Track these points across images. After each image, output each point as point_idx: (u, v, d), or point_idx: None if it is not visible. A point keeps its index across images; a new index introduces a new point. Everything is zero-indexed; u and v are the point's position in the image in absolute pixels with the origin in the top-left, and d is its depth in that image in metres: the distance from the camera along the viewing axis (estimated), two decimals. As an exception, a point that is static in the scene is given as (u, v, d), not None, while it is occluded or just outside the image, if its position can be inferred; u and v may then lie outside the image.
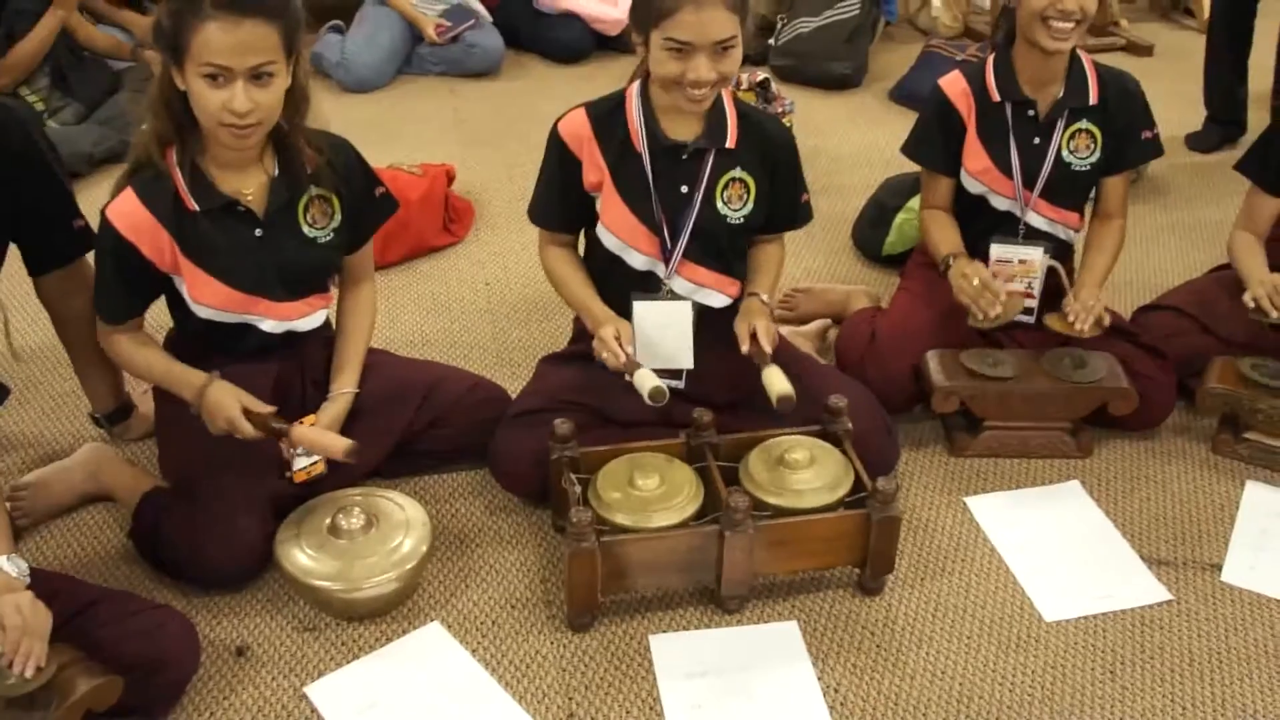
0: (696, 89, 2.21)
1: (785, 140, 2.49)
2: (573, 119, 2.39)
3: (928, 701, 2.07)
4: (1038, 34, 2.56)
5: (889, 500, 2.14)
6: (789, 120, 3.91)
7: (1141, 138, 2.75)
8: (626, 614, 2.21)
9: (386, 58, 4.70)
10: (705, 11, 2.14)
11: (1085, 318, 2.57)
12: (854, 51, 4.81)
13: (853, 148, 4.14)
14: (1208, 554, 2.43)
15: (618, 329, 2.30)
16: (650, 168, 2.35)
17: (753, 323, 2.34)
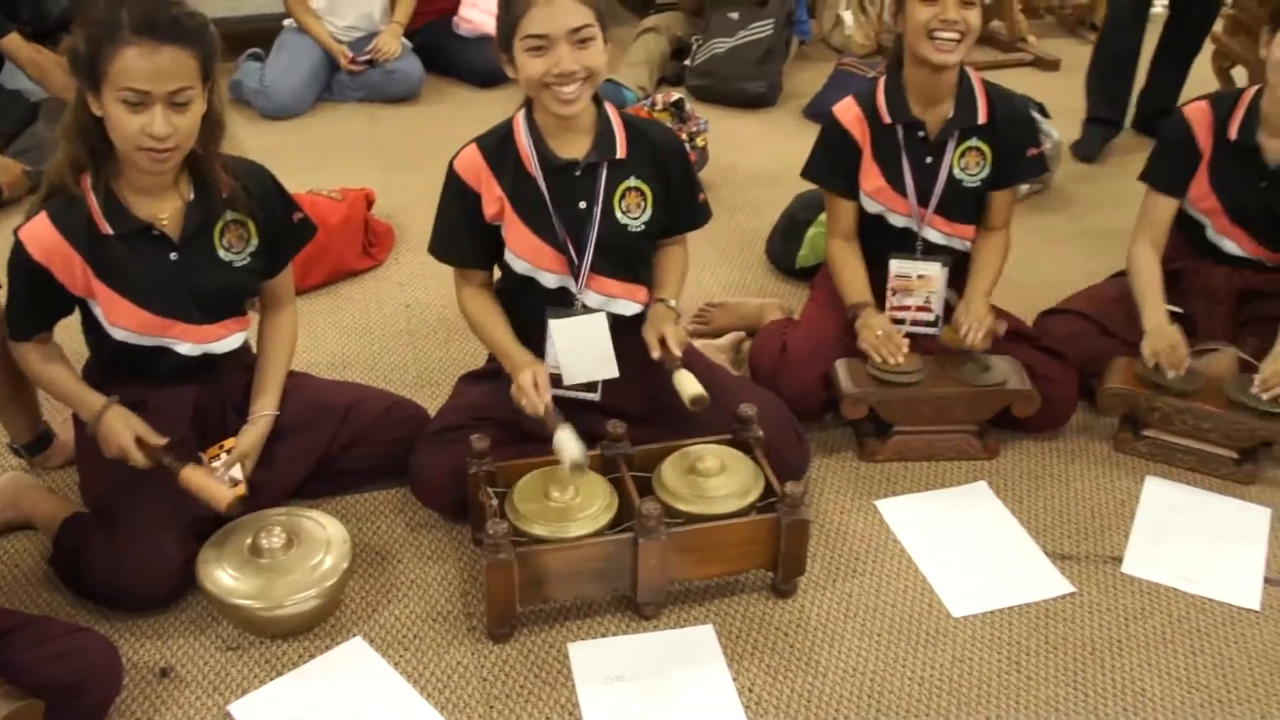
0: (564, 84, 2.26)
1: (673, 144, 2.56)
2: (466, 154, 2.44)
3: (840, 698, 2.13)
4: (924, 49, 2.64)
5: (798, 504, 2.20)
6: (703, 139, 4.00)
7: (1028, 155, 2.84)
8: (546, 623, 2.26)
9: (306, 84, 4.73)
10: (556, 3, 2.21)
11: (977, 330, 2.66)
12: (768, 71, 4.91)
13: (767, 164, 4.22)
14: (1109, 547, 2.51)
15: (535, 374, 2.35)
16: (546, 189, 2.40)
17: (661, 329, 2.40)
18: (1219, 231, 2.89)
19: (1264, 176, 2.79)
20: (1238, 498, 2.69)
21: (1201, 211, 2.89)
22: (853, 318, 2.75)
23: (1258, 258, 2.90)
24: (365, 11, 4.86)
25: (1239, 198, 2.83)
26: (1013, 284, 3.45)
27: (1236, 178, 2.82)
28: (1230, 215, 2.86)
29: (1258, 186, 2.80)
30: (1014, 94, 2.90)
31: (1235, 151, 2.80)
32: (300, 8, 4.79)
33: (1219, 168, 2.83)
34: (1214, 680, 2.21)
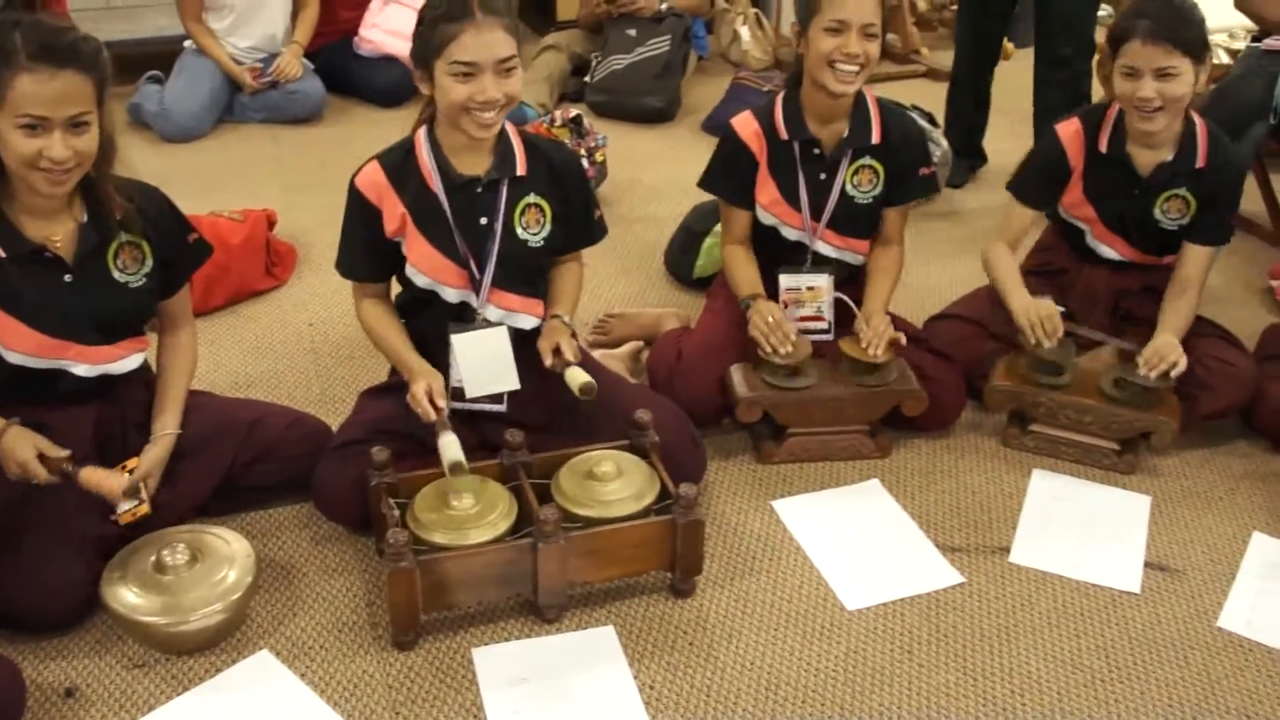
0: (485, 111, 2.33)
1: (571, 163, 2.63)
2: (368, 171, 2.48)
3: (738, 691, 2.19)
4: (824, 78, 2.73)
5: (692, 505, 2.27)
6: (602, 155, 4.06)
7: (920, 175, 2.94)
8: (449, 630, 2.30)
9: (206, 106, 4.72)
10: (486, 33, 2.28)
11: (879, 343, 2.75)
12: (666, 86, 4.99)
13: (666, 178, 4.30)
14: (997, 538, 2.61)
15: (429, 383, 2.39)
16: (448, 205, 2.45)
17: (555, 340, 2.46)
18: (1097, 238, 3.01)
19: (1136, 186, 2.91)
20: (1120, 487, 2.80)
21: (1080, 219, 3.01)
22: (745, 308, 2.81)
23: (1135, 261, 3.02)
24: (266, 33, 4.86)
25: (1113, 207, 2.96)
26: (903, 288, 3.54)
27: (1110, 188, 2.94)
28: (1106, 223, 2.98)
29: (1130, 195, 2.92)
30: (908, 114, 3.00)
31: (1107, 163, 2.92)
32: (199, 29, 4.78)
33: (1093, 179, 2.95)
34: (1097, 661, 2.30)
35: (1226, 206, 2.94)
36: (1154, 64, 2.72)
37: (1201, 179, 2.88)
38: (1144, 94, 2.74)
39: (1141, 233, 2.97)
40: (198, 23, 4.79)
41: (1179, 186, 2.89)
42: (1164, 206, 2.90)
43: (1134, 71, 2.75)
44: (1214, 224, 2.92)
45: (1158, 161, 2.88)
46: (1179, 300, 2.89)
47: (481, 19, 2.28)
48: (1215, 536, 2.66)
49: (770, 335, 2.72)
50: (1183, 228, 2.93)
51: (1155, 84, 2.73)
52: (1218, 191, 2.90)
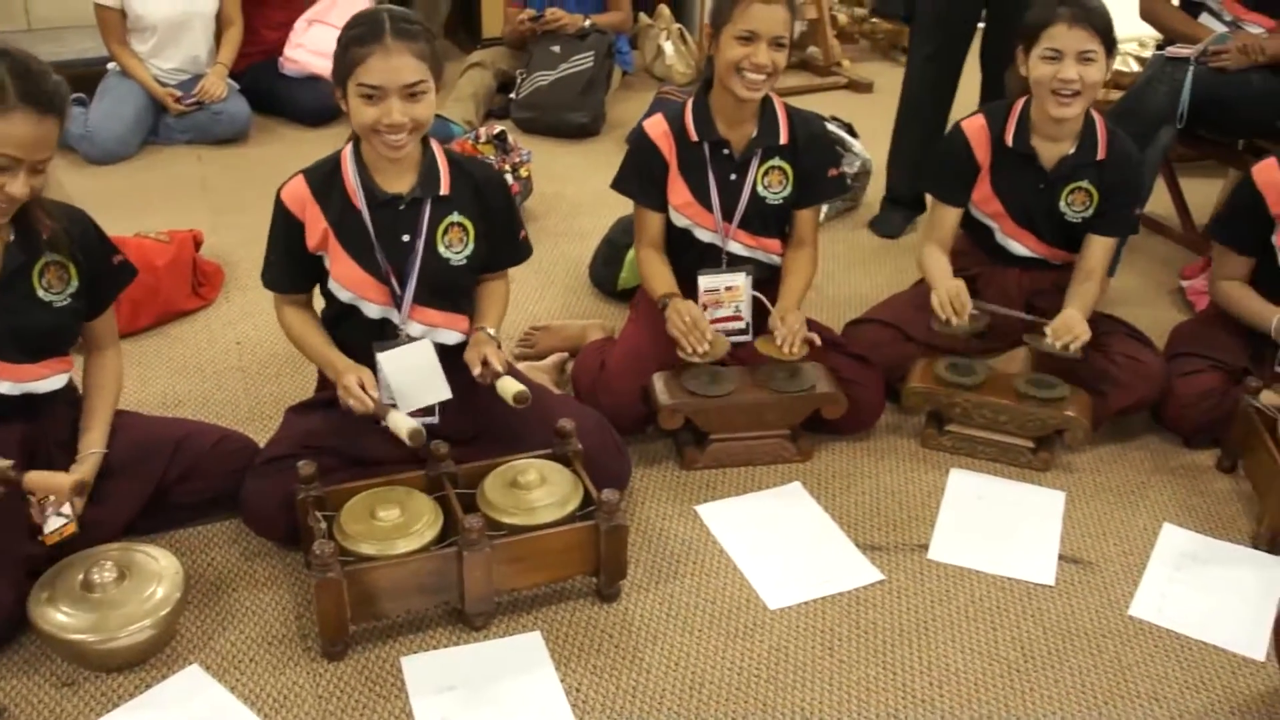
0: (392, 134, 2.36)
1: (497, 183, 2.67)
2: (293, 185, 2.52)
3: (663, 691, 2.24)
4: (733, 84, 2.79)
5: (614, 510, 2.31)
6: (526, 170, 4.11)
7: (829, 175, 3.01)
8: (378, 639, 2.33)
9: (131, 129, 4.72)
10: (394, 57, 2.32)
11: (793, 341, 2.81)
12: (590, 102, 5.05)
13: (591, 193, 4.35)
14: (916, 536, 2.67)
15: (360, 376, 2.43)
16: (371, 221, 2.49)
17: (482, 351, 2.50)
18: (1007, 234, 3.11)
19: (1041, 179, 3.02)
20: (1036, 484, 2.88)
21: (989, 216, 3.11)
22: (663, 307, 2.87)
23: (1044, 256, 3.11)
24: (189, 54, 4.87)
25: (1021, 200, 3.06)
26: (824, 296, 3.65)
27: (1017, 182, 3.05)
28: (1015, 218, 3.08)
29: (1037, 189, 3.03)
30: (814, 118, 3.07)
31: (1013, 157, 3.03)
32: (123, 52, 4.78)
33: (1000, 173, 3.06)
34: (1013, 652, 2.37)
35: (1127, 198, 3.05)
36: (1078, 47, 2.84)
37: (1103, 171, 3.00)
38: (1066, 75, 2.85)
39: (1049, 226, 3.07)
40: (121, 45, 4.79)
41: (1082, 179, 3.01)
42: (1069, 199, 3.02)
43: (1057, 54, 2.86)
44: (1115, 216, 3.04)
45: (1061, 155, 3.00)
46: (1082, 287, 3.01)
47: (391, 43, 2.32)
48: (1127, 529, 2.74)
49: (688, 335, 2.77)
50: (1087, 220, 3.04)
51: (1078, 66, 2.84)
52: (1118, 183, 3.02)
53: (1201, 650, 2.40)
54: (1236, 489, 2.90)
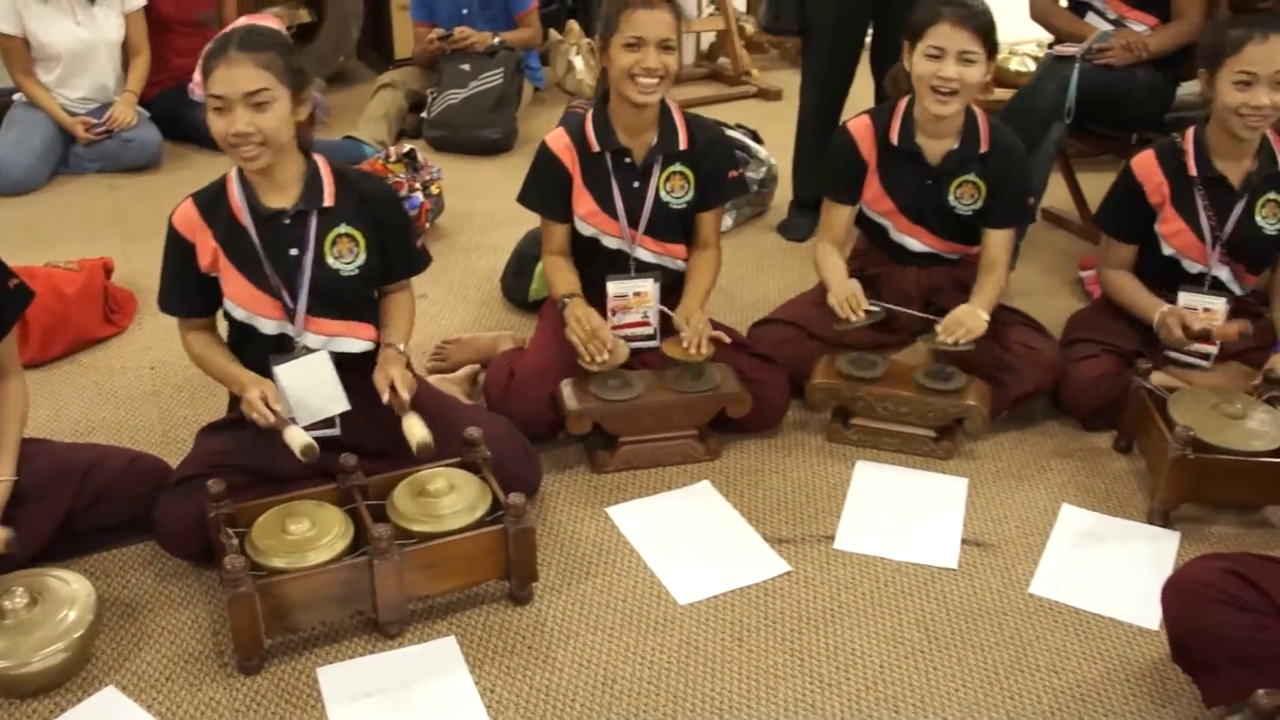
0: (241, 145, 2.42)
1: (386, 194, 2.72)
2: (182, 209, 2.56)
3: (575, 688, 2.29)
4: (628, 90, 2.86)
5: (521, 514, 2.36)
6: (437, 187, 4.15)
7: (729, 178, 3.09)
8: (294, 651, 2.36)
9: (40, 159, 4.70)
10: (236, 68, 2.38)
11: (699, 342, 2.87)
12: (501, 118, 5.10)
13: (504, 208, 4.35)
14: (823, 528, 2.74)
15: (263, 390, 2.46)
16: (257, 237, 2.53)
17: (390, 373, 2.54)
18: (901, 231, 3.20)
19: (929, 175, 3.12)
20: (939, 472, 2.96)
21: (882, 214, 3.20)
22: (561, 306, 2.93)
23: (939, 251, 3.21)
24: (97, 83, 4.87)
25: (910, 197, 3.15)
26: (732, 298, 3.72)
27: (905, 179, 3.14)
28: (906, 214, 3.17)
29: (924, 184, 3.13)
30: (712, 123, 3.14)
31: (899, 155, 3.13)
32: (29, 82, 4.77)
33: (888, 171, 3.15)
34: (917, 634, 2.44)
35: (1015, 189, 3.16)
36: (959, 47, 2.93)
37: (987, 163, 3.11)
38: (946, 73, 2.94)
39: (940, 221, 3.17)
40: (27, 75, 4.78)
41: (968, 172, 3.11)
42: (957, 193, 3.12)
43: (940, 52, 2.95)
44: (1006, 207, 3.14)
45: (945, 150, 3.10)
46: (986, 280, 3.10)
47: (234, 54, 2.38)
48: (1028, 511, 2.83)
49: (588, 343, 2.83)
50: (977, 213, 3.14)
51: (957, 66, 2.94)
52: (1004, 175, 3.12)
53: (1098, 623, 2.49)
54: (1132, 468, 3.00)
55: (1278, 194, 3.08)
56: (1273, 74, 2.90)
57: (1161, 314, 3.04)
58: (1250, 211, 3.08)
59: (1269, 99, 2.91)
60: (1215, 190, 3.08)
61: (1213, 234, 3.09)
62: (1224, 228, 3.08)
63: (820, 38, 4.09)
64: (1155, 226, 3.16)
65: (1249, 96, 2.92)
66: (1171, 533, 2.76)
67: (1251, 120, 2.95)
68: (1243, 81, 2.92)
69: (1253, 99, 2.91)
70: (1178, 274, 3.16)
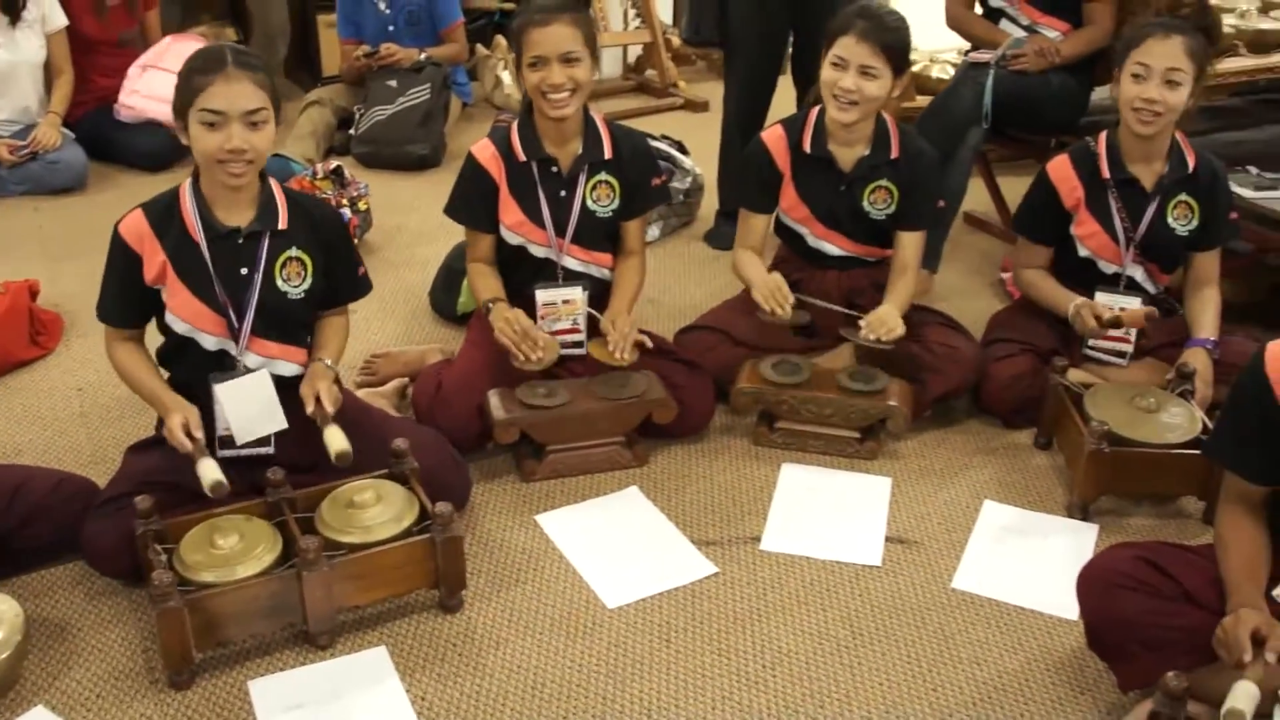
0: (234, 162, 2.43)
1: (334, 220, 2.74)
2: (131, 219, 2.56)
3: (506, 693, 2.31)
4: (542, 106, 2.91)
5: (449, 522, 2.38)
6: (365, 203, 4.17)
7: (652, 185, 3.13)
8: (225, 665, 2.36)
9: (-39, 182, 4.68)
10: (234, 84, 2.39)
11: (624, 346, 2.91)
12: (429, 133, 5.12)
13: (433, 223, 4.39)
14: (749, 529, 2.78)
15: (185, 416, 2.47)
16: (209, 254, 2.53)
17: (316, 385, 2.56)
18: (818, 237, 3.26)
19: (842, 181, 3.19)
20: (864, 472, 3.01)
21: (798, 222, 3.26)
22: (486, 311, 2.96)
23: (856, 255, 3.27)
24: (19, 105, 4.84)
25: (825, 203, 3.22)
26: (659, 306, 3.77)
27: (819, 186, 3.21)
28: (822, 220, 3.24)
29: (838, 191, 3.20)
30: (635, 132, 3.19)
31: (812, 162, 3.19)
32: (-50, 108, 4.75)
33: (802, 179, 3.21)
34: (842, 631, 2.49)
35: (926, 192, 3.23)
36: (861, 60, 3.00)
37: (899, 168, 3.18)
38: (845, 84, 3.01)
39: (856, 226, 3.24)
40: (-53, 101, 4.75)
41: (880, 178, 3.18)
42: (870, 198, 3.19)
43: (843, 63, 3.02)
44: (917, 210, 3.22)
45: (857, 156, 3.16)
46: (899, 281, 3.18)
47: (233, 71, 2.39)
48: (950, 508, 2.89)
49: (520, 343, 2.86)
50: (890, 216, 3.21)
51: (857, 79, 3.00)
52: (915, 179, 3.20)
53: (1019, 615, 2.55)
54: (1052, 464, 3.07)
55: (1188, 196, 3.16)
56: (1165, 69, 2.96)
57: (1075, 306, 3.11)
58: (1162, 213, 3.15)
59: (1159, 94, 2.97)
60: (1128, 192, 3.15)
61: (1126, 235, 3.16)
62: (1137, 229, 3.15)
63: (742, 49, 4.16)
64: (1070, 229, 3.23)
65: (1141, 89, 2.98)
66: (1090, 525, 2.82)
67: (1144, 115, 3.01)
68: (1137, 74, 3.00)
69: (1144, 92, 2.98)
70: (1094, 275, 3.23)
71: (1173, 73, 2.97)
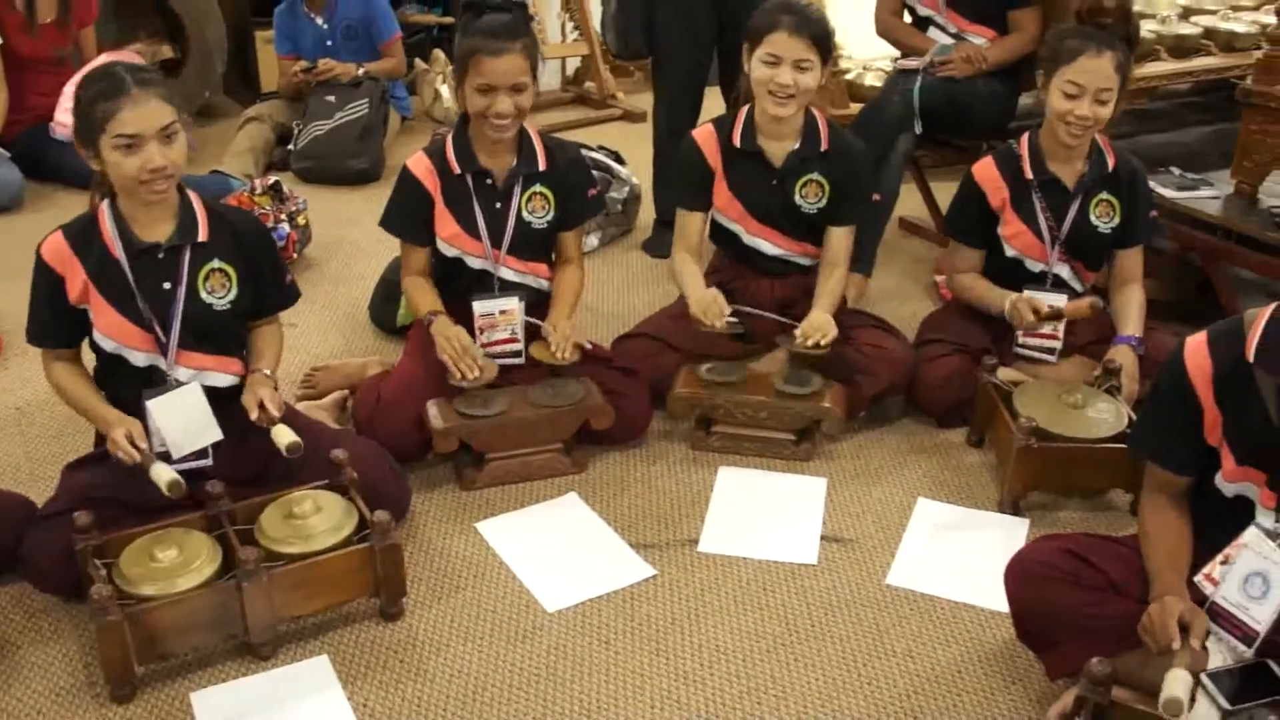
0: (156, 180, 2.44)
1: (256, 230, 2.75)
2: (51, 241, 2.57)
3: (447, 697, 2.34)
4: (483, 128, 2.97)
5: (388, 530, 2.41)
6: (304, 218, 4.19)
7: (587, 195, 3.18)
8: (167, 678, 2.37)
9: (-103, 204, 4.65)
10: (143, 104, 2.40)
11: (565, 346, 2.95)
12: (368, 148, 5.14)
13: (372, 237, 4.40)
14: (687, 532, 2.83)
15: (128, 428, 2.49)
16: (130, 270, 2.55)
17: (258, 393, 2.58)
18: (752, 234, 3.33)
19: (773, 175, 3.26)
20: (799, 473, 3.06)
21: (733, 220, 3.32)
22: (428, 323, 2.99)
23: (791, 254, 3.34)
24: (-46, 126, 4.83)
25: (758, 199, 3.29)
26: (598, 315, 3.81)
27: (751, 181, 3.28)
28: (756, 216, 3.31)
29: (770, 185, 3.26)
30: (568, 143, 3.23)
31: (744, 158, 3.26)
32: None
33: (734, 175, 3.28)
34: (779, 628, 2.53)
35: (855, 187, 3.30)
36: (795, 55, 3.07)
37: (829, 162, 3.25)
38: (782, 80, 3.07)
39: (789, 221, 3.30)
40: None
41: (811, 171, 3.25)
42: (802, 192, 3.25)
43: (776, 60, 3.09)
44: (848, 205, 3.29)
45: (787, 150, 3.23)
46: (828, 280, 3.25)
47: (137, 92, 2.40)
48: (885, 506, 2.94)
49: (459, 361, 2.89)
50: (822, 211, 3.28)
51: (793, 73, 3.07)
52: (845, 174, 3.27)
53: (953, 608, 2.60)
54: (984, 461, 3.13)
55: (1109, 194, 3.24)
56: (1098, 89, 3.05)
57: (1011, 301, 3.18)
58: (1085, 211, 3.23)
59: (1091, 111, 3.06)
60: (1051, 192, 3.23)
61: (1051, 234, 3.24)
62: (1061, 228, 3.23)
63: (669, 60, 4.24)
64: (998, 230, 3.30)
65: (1074, 106, 3.06)
66: (1021, 520, 2.89)
67: (1075, 129, 3.09)
68: (1071, 93, 3.07)
69: (1077, 109, 3.06)
70: (1021, 274, 3.30)
71: (1103, 92, 3.05)
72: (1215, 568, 2.19)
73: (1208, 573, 2.19)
